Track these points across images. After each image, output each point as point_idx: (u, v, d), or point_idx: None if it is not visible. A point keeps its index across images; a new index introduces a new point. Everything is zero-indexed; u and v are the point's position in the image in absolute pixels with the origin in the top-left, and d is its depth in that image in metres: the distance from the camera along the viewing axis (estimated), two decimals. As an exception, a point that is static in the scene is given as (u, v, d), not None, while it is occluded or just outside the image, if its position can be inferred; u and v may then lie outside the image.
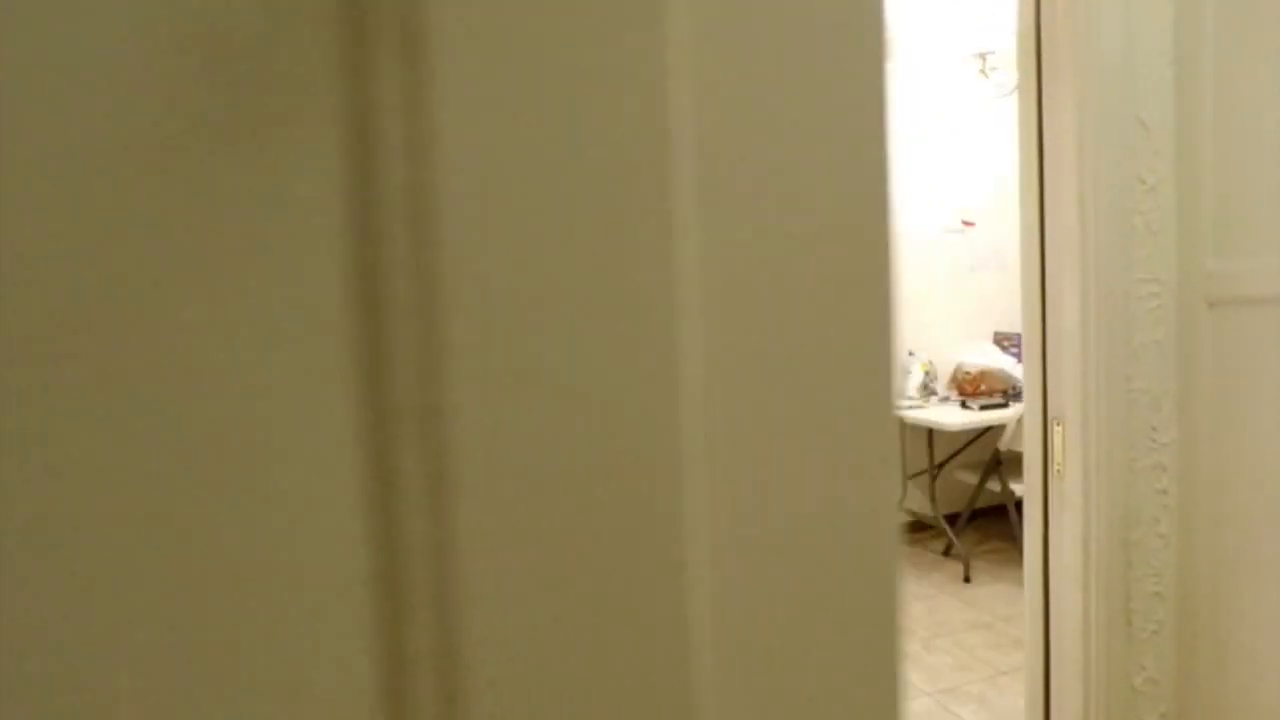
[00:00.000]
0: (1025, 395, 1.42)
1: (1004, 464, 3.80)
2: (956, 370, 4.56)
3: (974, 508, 4.03)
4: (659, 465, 0.21)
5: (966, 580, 3.68)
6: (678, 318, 0.22)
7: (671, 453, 0.21)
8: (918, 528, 4.43)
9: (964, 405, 4.02)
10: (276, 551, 0.18)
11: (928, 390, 4.37)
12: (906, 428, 4.23)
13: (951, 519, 4.10)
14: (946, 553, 4.10)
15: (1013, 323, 3.39)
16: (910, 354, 4.44)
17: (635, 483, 0.21)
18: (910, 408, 4.05)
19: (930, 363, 4.43)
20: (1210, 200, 1.27)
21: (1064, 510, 1.33)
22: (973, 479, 4.01)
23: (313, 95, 0.18)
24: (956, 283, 4.50)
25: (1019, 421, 2.49)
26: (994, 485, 3.81)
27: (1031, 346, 1.39)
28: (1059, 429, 1.33)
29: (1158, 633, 1.34)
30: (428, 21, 0.19)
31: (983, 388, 4.24)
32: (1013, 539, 3.82)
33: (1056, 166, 1.31)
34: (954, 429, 3.60)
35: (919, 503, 4.33)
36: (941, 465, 4.20)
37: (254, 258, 0.18)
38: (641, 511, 0.21)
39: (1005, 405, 3.91)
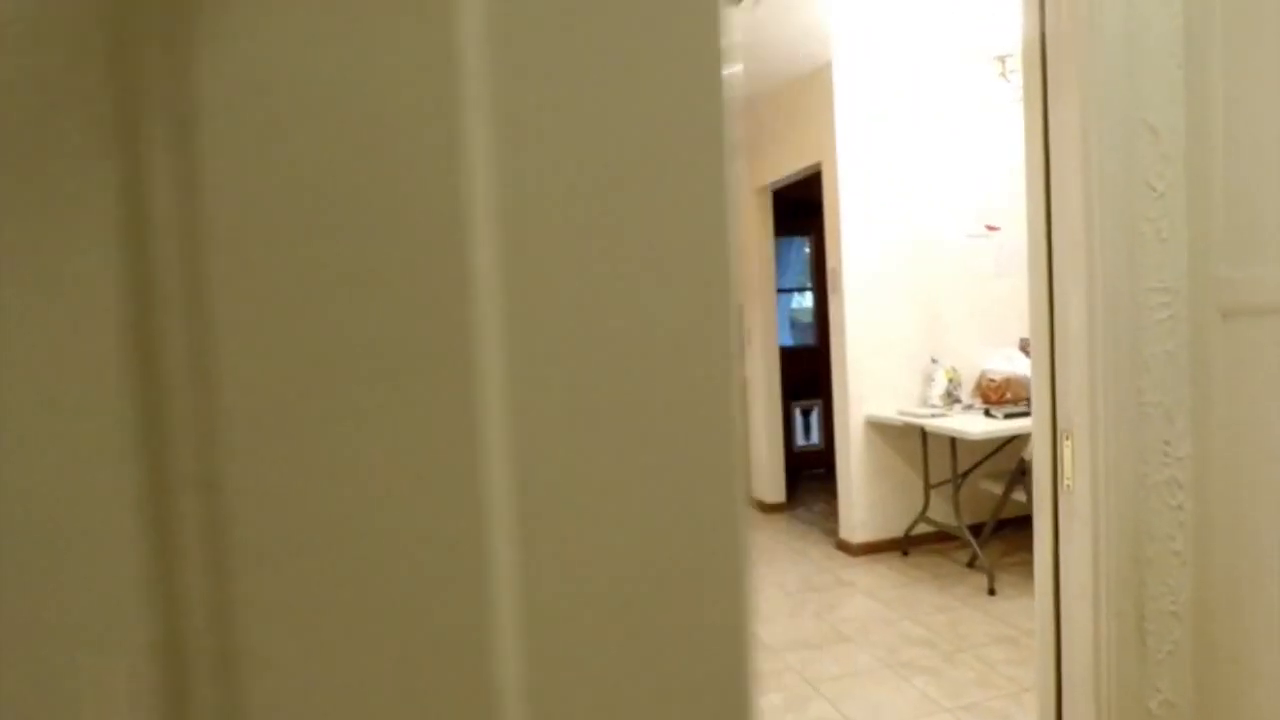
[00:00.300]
0: (1034, 407, 1.38)
1: (1029, 474, 3.71)
2: (981, 377, 4.48)
3: (999, 518, 3.95)
4: (456, 536, 0.20)
5: (991, 593, 3.60)
6: (474, 393, 0.21)
7: (469, 525, 0.20)
8: (941, 538, 4.36)
9: (988, 413, 3.94)
10: (54, 622, 0.17)
11: (951, 398, 4.30)
12: (929, 436, 4.16)
13: (976, 529, 4.02)
14: (971, 564, 4.02)
15: (1036, 329, 3.32)
16: (934, 361, 4.37)
17: (431, 557, 0.20)
18: (933, 416, 3.99)
19: (954, 370, 4.36)
20: (1222, 206, 1.22)
21: (1073, 525, 1.29)
22: (997, 489, 3.93)
23: (87, 174, 0.18)
24: (981, 288, 4.43)
25: (1040, 431, 2.43)
26: (1019, 495, 3.72)
27: (1039, 357, 1.35)
28: (1068, 442, 1.29)
29: (1174, 653, 1.29)
30: (197, 104, 0.18)
31: (1007, 395, 4.16)
32: (1039, 550, 3.73)
33: (1062, 173, 1.27)
34: (977, 438, 3.53)
35: (943, 513, 4.25)
36: (965, 474, 4.12)
37: (29, 332, 0.17)
38: (439, 582, 0.20)
39: (1030, 414, 3.82)
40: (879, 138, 4.25)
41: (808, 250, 7.30)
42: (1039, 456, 1.36)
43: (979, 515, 4.28)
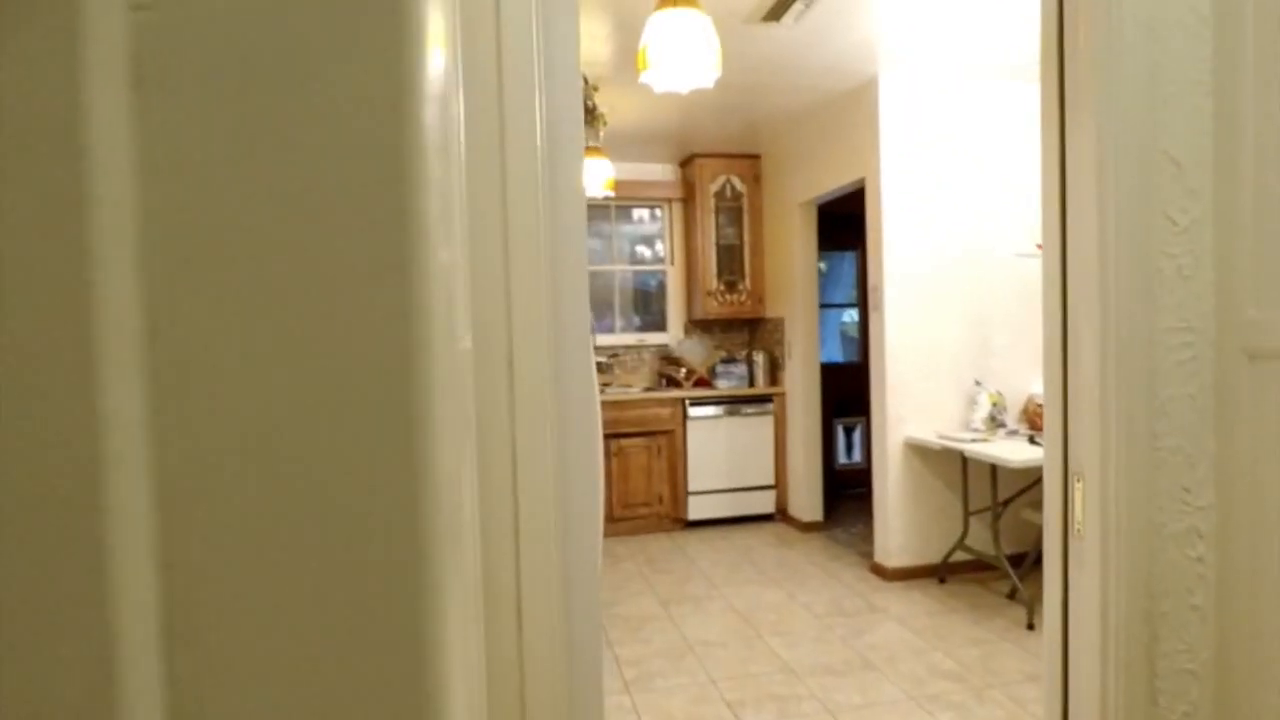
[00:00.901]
0: (1045, 444, 1.32)
1: (1073, 505, 3.56)
2: (1028, 402, 4.33)
3: (1040, 549, 3.80)
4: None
5: (1030, 627, 3.47)
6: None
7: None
8: (981, 567, 4.22)
9: (1033, 440, 3.80)
10: None
11: (995, 423, 4.17)
12: (969, 462, 4.04)
13: (1016, 560, 3.88)
14: (1011, 596, 3.88)
15: (1083, 355, 3.19)
16: (977, 384, 4.24)
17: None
18: (973, 441, 3.87)
19: (999, 394, 4.22)
20: (1251, 243, 1.15)
21: (1082, 574, 1.23)
22: (1040, 519, 3.78)
23: None
24: (1029, 308, 4.28)
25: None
26: (1062, 527, 3.57)
27: (1052, 392, 1.30)
28: (1079, 484, 1.24)
29: (1191, 715, 1.22)
30: None
31: (1054, 422, 4.01)
32: (1083, 585, 3.57)
33: (1079, 204, 1.22)
34: (1016, 467, 3.41)
35: (982, 541, 4.12)
36: (1006, 503, 3.98)
37: None
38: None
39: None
40: (925, 153, 4.16)
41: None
42: (1050, 497, 1.31)
43: (1020, 545, 4.13)
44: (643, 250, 6.24)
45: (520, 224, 0.95)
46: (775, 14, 3.20)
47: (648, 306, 6.26)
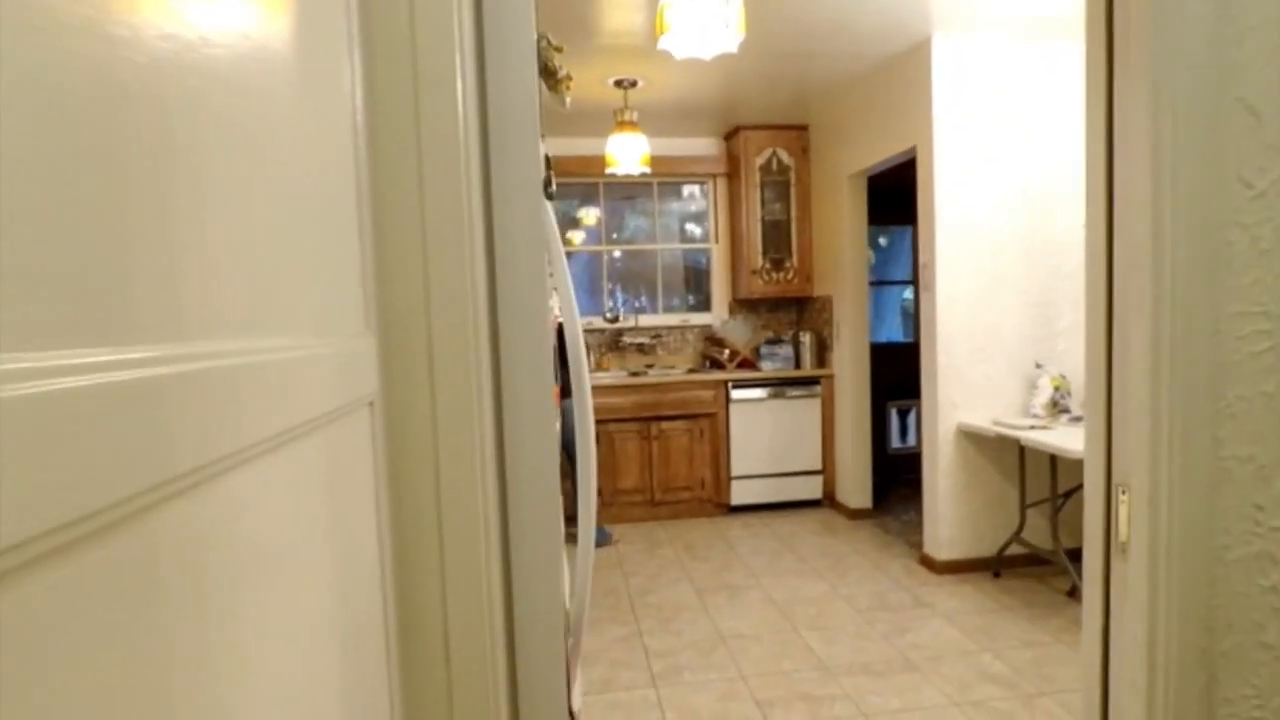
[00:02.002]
0: (1086, 447, 1.14)
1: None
2: (1095, 386, 4.01)
3: (1105, 546, 3.53)
4: None
5: (1090, 629, 3.22)
6: None
7: None
8: (1037, 561, 3.96)
9: (1097, 428, 3.51)
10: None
11: (1058, 408, 3.88)
12: (1027, 451, 3.77)
13: (1077, 555, 3.61)
14: (1072, 593, 3.62)
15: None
16: (1038, 366, 3.96)
17: None
18: (1032, 428, 3.60)
19: (1063, 377, 3.93)
20: (1346, 209, 0.94)
21: (1127, 602, 1.05)
22: (1104, 513, 3.51)
23: None
24: (1098, 287, 3.95)
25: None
26: (1129, 522, 3.30)
27: (1095, 390, 1.11)
28: (1124, 497, 1.05)
29: (1257, 770, 1.03)
30: None
31: (1123, 408, 3.70)
32: (1151, 585, 3.30)
33: (1128, 168, 1.02)
34: (1076, 457, 3.14)
35: (1040, 534, 3.86)
36: (1068, 495, 3.71)
37: None
38: None
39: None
40: (980, 120, 3.86)
41: (912, 240, 6.85)
42: (1090, 511, 1.13)
43: (1081, 539, 3.85)
44: (692, 228, 6.06)
45: (439, 214, 0.82)
46: (813, -30, 2.97)
47: (693, 286, 6.09)
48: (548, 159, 1.69)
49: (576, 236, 6.03)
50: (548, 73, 1.05)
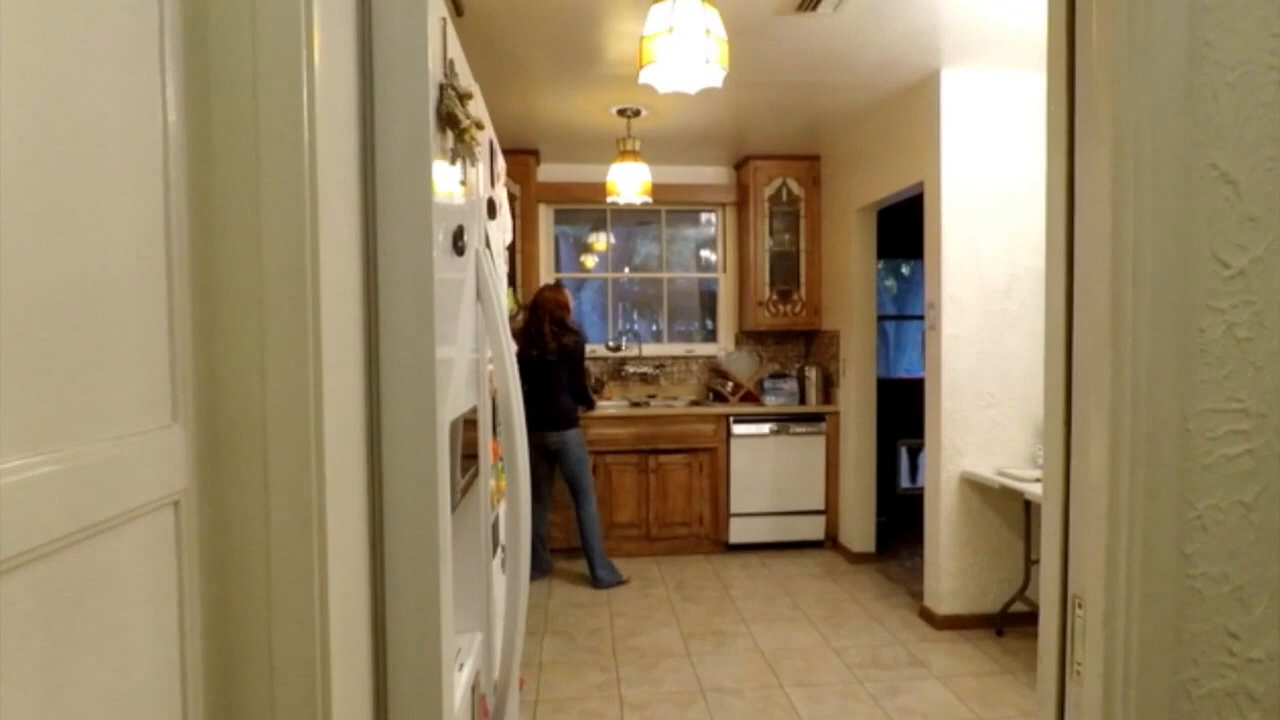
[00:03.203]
0: (1042, 549, 1.01)
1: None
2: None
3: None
4: None
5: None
6: None
7: None
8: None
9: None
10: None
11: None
12: (1032, 504, 3.59)
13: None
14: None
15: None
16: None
17: None
18: (1038, 480, 3.42)
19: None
20: (1337, 297, 0.81)
21: (1081, 735, 0.91)
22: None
23: None
24: (1114, 332, 3.78)
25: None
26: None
27: (1052, 486, 0.98)
28: (1080, 612, 0.92)
29: None
30: None
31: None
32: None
33: (1088, 240, 0.90)
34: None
35: (1046, 592, 3.67)
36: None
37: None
38: None
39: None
40: (991, 156, 3.73)
41: (928, 274, 6.67)
42: (1045, 624, 0.99)
43: (1093, 599, 3.64)
44: (708, 254, 5.96)
45: (281, 291, 0.73)
46: (810, 2, 2.88)
47: (709, 311, 5.98)
48: (491, 203, 1.60)
49: (590, 261, 5.97)
50: (451, 122, 0.96)
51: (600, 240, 5.99)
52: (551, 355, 4.32)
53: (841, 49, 3.44)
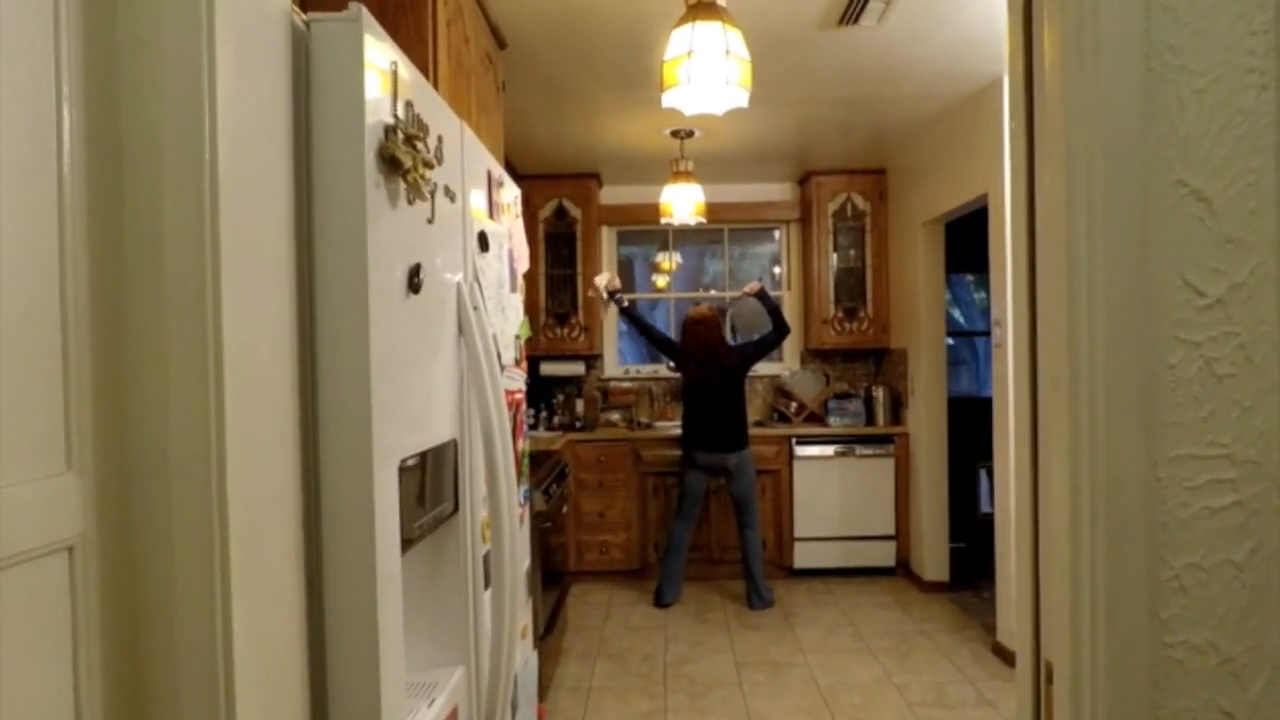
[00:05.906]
0: (1016, 623, 0.92)
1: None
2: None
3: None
4: None
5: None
6: None
7: None
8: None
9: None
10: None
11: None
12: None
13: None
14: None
15: None
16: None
17: None
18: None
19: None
20: (1329, 329, 0.70)
21: (1052, 817, 0.82)
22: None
23: None
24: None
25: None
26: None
27: (1022, 540, 0.89)
28: (1049, 686, 0.83)
29: None
30: None
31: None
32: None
33: (1047, 268, 0.82)
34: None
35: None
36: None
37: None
38: None
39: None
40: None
41: (1010, 287, 6.34)
42: (1020, 696, 0.90)
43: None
44: (777, 272, 5.87)
45: (183, 340, 0.74)
46: (851, 16, 2.80)
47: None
48: (483, 236, 1.61)
49: (661, 281, 5.98)
50: (393, 164, 0.98)
51: (666, 260, 5.98)
52: (724, 376, 4.32)
53: (892, 61, 3.33)
